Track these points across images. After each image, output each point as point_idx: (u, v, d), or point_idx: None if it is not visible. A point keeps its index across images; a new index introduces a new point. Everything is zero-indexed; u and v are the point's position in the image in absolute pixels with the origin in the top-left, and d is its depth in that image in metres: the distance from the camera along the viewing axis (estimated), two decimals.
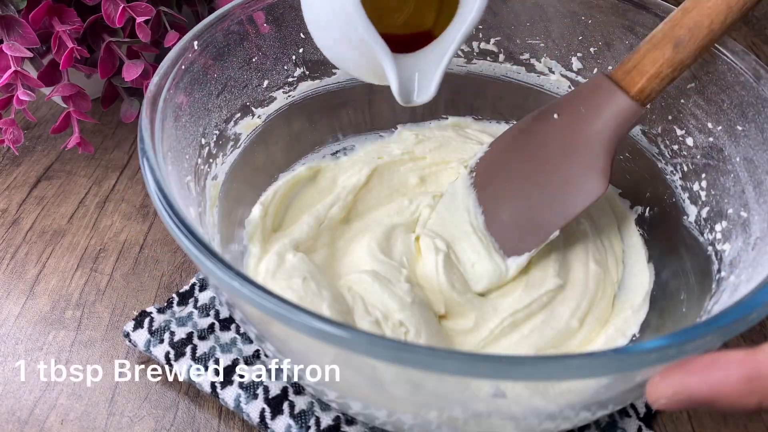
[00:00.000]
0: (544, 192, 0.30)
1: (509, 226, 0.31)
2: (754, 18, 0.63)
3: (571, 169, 0.29)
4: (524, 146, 0.32)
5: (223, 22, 0.31)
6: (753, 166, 0.27)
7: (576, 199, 0.29)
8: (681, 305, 0.29)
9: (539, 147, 0.31)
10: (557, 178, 0.30)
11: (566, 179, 0.30)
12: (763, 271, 0.22)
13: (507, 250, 0.32)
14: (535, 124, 0.31)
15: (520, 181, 0.31)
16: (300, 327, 0.19)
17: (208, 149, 0.31)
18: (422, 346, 0.19)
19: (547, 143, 0.30)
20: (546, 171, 0.30)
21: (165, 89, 0.27)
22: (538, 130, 0.31)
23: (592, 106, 0.29)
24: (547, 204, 0.30)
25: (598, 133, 0.29)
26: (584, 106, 0.29)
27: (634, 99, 0.28)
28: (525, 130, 0.32)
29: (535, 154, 0.31)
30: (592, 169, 0.29)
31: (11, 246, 0.39)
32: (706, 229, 0.29)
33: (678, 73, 0.27)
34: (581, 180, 0.29)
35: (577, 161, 0.29)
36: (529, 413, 0.22)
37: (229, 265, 0.20)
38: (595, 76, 0.29)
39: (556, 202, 0.30)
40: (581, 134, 0.29)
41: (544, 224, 0.30)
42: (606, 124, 0.28)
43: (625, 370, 0.18)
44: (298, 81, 0.36)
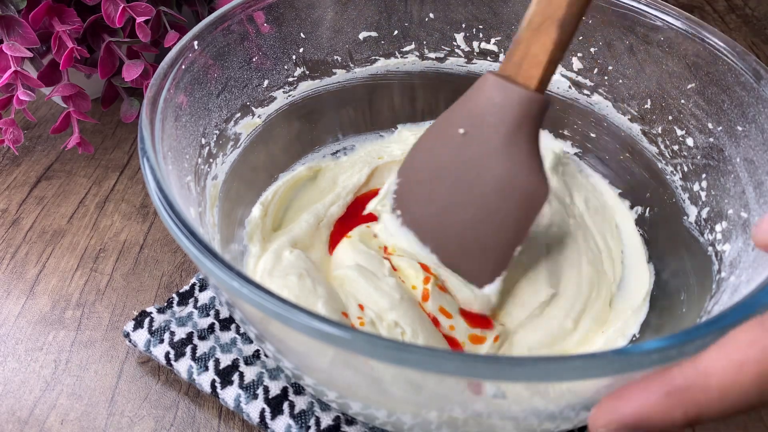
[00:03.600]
0: (488, 214, 0.28)
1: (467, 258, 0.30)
2: (754, 18, 0.63)
3: (506, 182, 0.27)
4: (444, 172, 0.29)
5: (223, 21, 0.31)
6: (753, 166, 0.27)
7: (524, 208, 0.28)
8: (681, 306, 0.29)
9: (461, 169, 0.29)
10: (495, 197, 0.28)
11: (504, 193, 0.28)
12: (763, 271, 0.22)
13: (476, 281, 0.30)
14: (443, 145, 0.29)
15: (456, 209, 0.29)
16: (299, 327, 0.19)
17: (209, 149, 0.31)
18: (421, 346, 0.18)
19: (468, 163, 0.28)
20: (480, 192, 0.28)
21: (165, 89, 0.27)
22: (451, 152, 0.29)
23: (497, 112, 0.27)
24: (496, 224, 0.28)
25: (516, 138, 0.27)
26: (489, 114, 0.27)
27: (537, 91, 0.26)
28: (435, 153, 0.29)
29: (461, 177, 0.29)
30: (526, 174, 0.27)
31: (11, 246, 0.39)
32: (706, 229, 0.29)
33: (566, 52, 0.26)
34: (520, 189, 0.27)
35: (508, 172, 0.27)
36: (529, 413, 0.22)
37: (229, 264, 0.20)
38: (485, 79, 0.27)
39: (504, 218, 0.28)
40: (499, 143, 0.27)
41: (501, 244, 0.28)
42: (522, 127, 0.27)
43: (624, 372, 0.18)
44: (298, 81, 0.36)
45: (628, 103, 0.34)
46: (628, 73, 0.34)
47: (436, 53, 0.38)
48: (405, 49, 0.38)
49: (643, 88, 0.33)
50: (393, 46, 0.38)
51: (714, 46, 0.29)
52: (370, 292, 0.29)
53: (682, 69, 0.31)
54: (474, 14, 0.37)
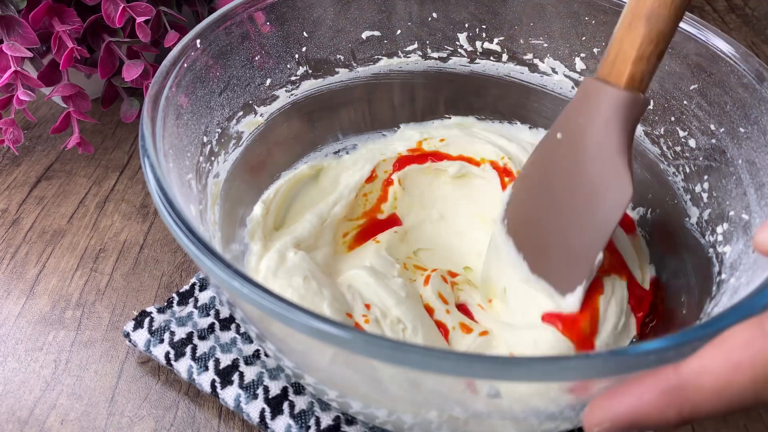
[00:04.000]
0: (575, 217, 0.28)
1: (554, 264, 0.29)
2: (755, 18, 0.63)
3: (592, 184, 0.27)
4: (542, 178, 0.30)
5: (225, 20, 0.31)
6: (755, 168, 0.27)
7: (606, 211, 0.27)
8: (681, 307, 0.29)
9: (555, 173, 0.29)
10: (582, 199, 0.28)
11: (591, 196, 0.27)
12: (762, 273, 0.22)
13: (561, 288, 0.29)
14: (544, 152, 0.30)
15: (549, 215, 0.29)
16: (299, 326, 0.19)
17: (210, 147, 0.31)
18: (419, 346, 0.18)
19: (561, 166, 0.29)
20: (569, 195, 0.28)
21: (167, 87, 0.27)
22: (548, 157, 0.30)
23: (589, 113, 0.27)
24: (582, 228, 0.28)
25: (604, 137, 0.27)
26: (582, 116, 0.27)
27: (627, 90, 0.26)
28: (537, 161, 0.30)
29: (554, 182, 0.29)
30: (611, 174, 0.27)
31: (11, 246, 0.39)
32: (707, 231, 0.29)
33: (663, 47, 0.25)
34: (605, 190, 0.27)
35: (594, 173, 0.27)
36: (529, 413, 0.22)
37: (229, 263, 0.20)
38: (582, 82, 0.28)
39: (588, 223, 0.28)
40: (588, 145, 0.27)
41: (585, 250, 0.28)
42: (609, 125, 0.26)
43: (622, 372, 0.18)
44: (300, 79, 0.36)
45: None
46: None
47: (439, 53, 0.38)
48: (408, 49, 0.38)
49: None
50: (396, 46, 0.38)
51: (716, 48, 0.29)
52: (377, 290, 0.30)
53: (684, 70, 0.31)
54: (477, 14, 0.37)
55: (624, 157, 0.26)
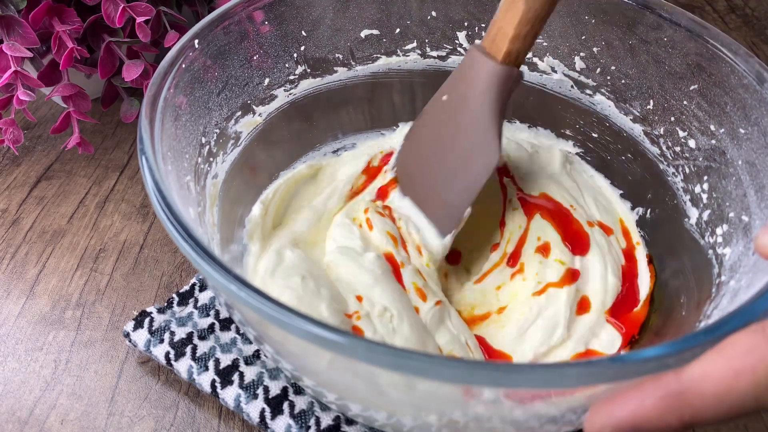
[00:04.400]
0: (451, 174, 0.31)
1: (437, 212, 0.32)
2: (754, 18, 0.63)
3: (466, 146, 0.30)
4: (428, 134, 0.33)
5: (223, 20, 0.31)
6: (755, 169, 0.27)
7: (476, 174, 0.30)
8: (681, 308, 0.29)
9: (438, 132, 0.32)
10: (458, 158, 0.31)
11: (465, 157, 0.30)
12: (763, 276, 0.22)
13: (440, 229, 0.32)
14: (431, 110, 0.32)
15: (431, 169, 0.32)
16: (296, 331, 0.19)
17: (209, 148, 0.31)
18: (419, 352, 0.18)
19: (444, 126, 0.31)
20: (448, 153, 0.31)
21: (165, 88, 0.27)
22: (434, 116, 0.32)
23: (469, 81, 0.29)
24: (456, 184, 0.31)
25: (479, 106, 0.29)
26: (463, 83, 0.30)
27: (503, 64, 0.28)
28: (426, 118, 0.33)
29: (437, 139, 0.32)
30: (483, 140, 0.29)
31: (11, 246, 0.39)
32: (707, 232, 0.29)
33: (538, 28, 0.27)
34: (477, 154, 0.30)
35: (469, 137, 0.30)
36: (530, 416, 0.22)
37: (227, 267, 0.20)
38: (469, 50, 0.30)
39: (462, 180, 0.31)
40: (465, 110, 0.30)
41: (457, 204, 0.31)
42: (484, 95, 0.29)
43: (621, 379, 0.18)
44: (299, 79, 0.36)
45: (631, 103, 0.34)
46: (630, 74, 0.34)
47: (438, 51, 0.38)
48: (407, 48, 0.38)
49: (646, 89, 0.33)
50: (395, 44, 0.38)
51: (717, 48, 0.29)
52: (354, 271, 0.30)
53: (684, 70, 0.31)
54: (476, 13, 0.37)
55: (495, 126, 0.29)
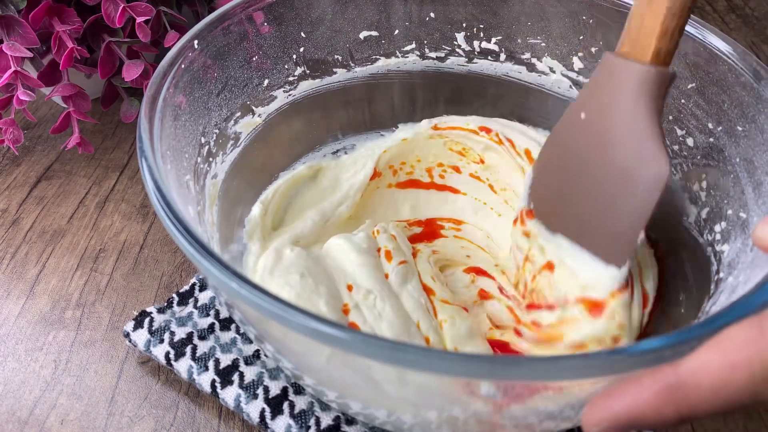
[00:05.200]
0: (609, 199, 0.27)
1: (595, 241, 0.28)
2: (754, 18, 0.63)
3: (625, 163, 0.26)
4: (569, 159, 0.29)
5: (223, 21, 0.31)
6: (753, 167, 0.27)
7: (643, 191, 0.26)
8: (680, 306, 0.29)
9: (583, 154, 0.28)
10: (615, 180, 0.27)
11: (625, 176, 0.26)
12: (760, 272, 0.22)
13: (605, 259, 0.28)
14: (566, 133, 0.29)
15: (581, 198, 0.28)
16: (296, 327, 0.19)
17: (208, 148, 0.31)
18: (416, 346, 0.19)
19: (588, 147, 0.28)
20: (601, 176, 0.27)
21: (164, 88, 0.27)
22: (573, 138, 0.29)
23: (615, 91, 0.26)
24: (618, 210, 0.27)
25: (633, 115, 0.26)
26: (607, 95, 0.27)
27: (653, 64, 0.25)
28: (560, 143, 0.30)
29: (583, 163, 0.28)
30: (644, 153, 0.26)
31: (11, 246, 0.39)
32: (705, 229, 0.29)
33: (685, 19, 0.25)
34: (639, 170, 0.26)
35: (627, 152, 0.26)
36: (528, 412, 0.22)
37: (226, 264, 0.20)
38: (603, 60, 0.27)
39: (625, 204, 0.27)
40: (617, 123, 0.26)
41: (624, 232, 0.27)
42: (638, 103, 0.26)
43: (619, 371, 0.18)
44: (298, 80, 0.36)
45: None
46: None
47: (437, 53, 0.38)
48: (405, 49, 0.38)
49: None
50: (394, 46, 0.38)
51: (714, 47, 0.29)
52: (346, 248, 0.30)
53: (682, 68, 0.31)
54: (475, 14, 0.37)
55: (657, 133, 0.26)
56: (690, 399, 0.17)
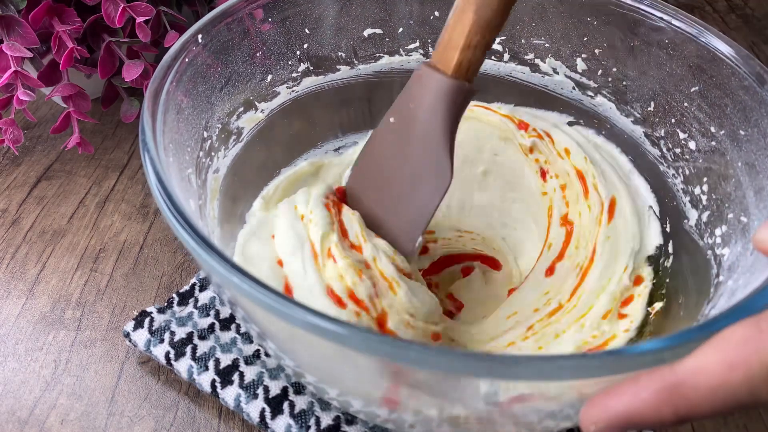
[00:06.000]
0: (402, 200, 0.30)
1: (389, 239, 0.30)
2: (755, 18, 0.63)
3: (418, 168, 0.28)
4: (377, 160, 0.31)
5: (227, 16, 0.31)
6: (754, 171, 0.27)
7: (427, 196, 0.28)
8: (679, 309, 0.29)
9: (388, 156, 0.30)
10: (409, 182, 0.29)
11: (416, 180, 0.29)
12: (760, 276, 0.22)
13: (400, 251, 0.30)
14: (379, 135, 0.31)
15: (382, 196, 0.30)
16: (296, 321, 0.19)
17: (210, 142, 0.31)
18: (416, 343, 0.19)
19: (393, 150, 0.30)
20: (398, 178, 0.29)
21: (168, 82, 0.27)
22: (382, 140, 0.30)
23: (418, 98, 0.28)
24: (407, 210, 0.29)
25: (429, 124, 0.27)
26: (412, 101, 0.28)
27: (453, 77, 0.26)
28: (374, 143, 0.31)
29: (387, 164, 0.30)
30: (433, 161, 0.28)
31: (11, 246, 0.39)
32: (706, 233, 0.29)
33: (489, 37, 0.26)
34: (428, 176, 0.28)
35: (420, 158, 0.28)
36: (529, 411, 0.22)
37: (226, 256, 0.20)
38: (417, 68, 0.28)
39: (412, 206, 0.29)
40: (416, 130, 0.28)
41: (409, 232, 0.29)
42: (435, 112, 0.27)
43: (618, 372, 0.18)
44: (302, 76, 0.36)
45: (632, 105, 0.34)
46: (631, 75, 0.34)
47: None
48: (409, 47, 0.38)
49: (647, 91, 0.33)
50: (397, 44, 0.38)
51: (717, 50, 0.29)
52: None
53: (685, 71, 0.31)
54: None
55: (446, 145, 0.27)
56: (688, 399, 0.17)
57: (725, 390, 0.17)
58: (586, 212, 0.33)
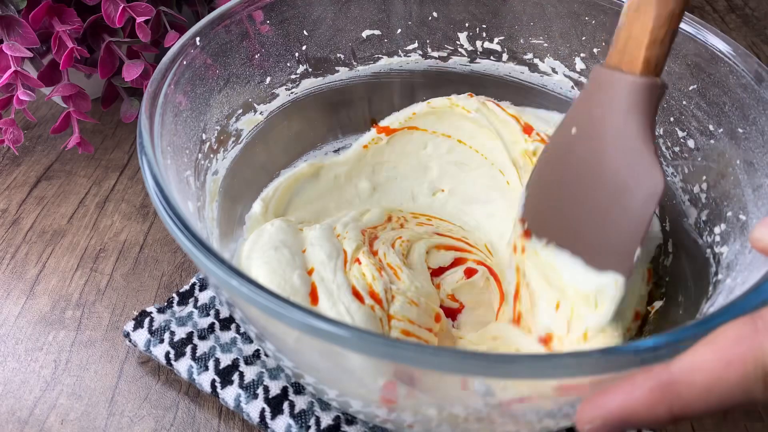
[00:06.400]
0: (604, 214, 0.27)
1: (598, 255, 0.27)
2: (754, 18, 0.63)
3: (618, 178, 0.26)
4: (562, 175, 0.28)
5: (225, 18, 0.31)
6: (753, 169, 0.27)
7: (638, 205, 0.25)
8: (678, 307, 0.29)
9: (576, 170, 0.28)
10: (609, 194, 0.26)
11: (618, 191, 0.26)
12: (758, 274, 0.22)
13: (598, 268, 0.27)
14: (559, 149, 0.29)
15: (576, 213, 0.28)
16: (292, 322, 0.19)
17: (209, 144, 0.31)
18: (412, 343, 0.19)
19: (581, 162, 0.27)
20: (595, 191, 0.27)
21: (166, 85, 0.27)
22: (565, 154, 0.28)
23: (605, 104, 0.26)
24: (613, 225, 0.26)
25: (625, 128, 0.25)
26: (597, 108, 0.26)
27: (643, 75, 0.25)
28: (553, 159, 0.29)
29: (577, 178, 0.28)
30: (638, 166, 0.25)
31: (11, 246, 0.39)
32: (705, 231, 0.29)
33: (675, 27, 0.24)
34: (633, 183, 0.25)
35: (619, 166, 0.26)
36: (528, 410, 0.22)
37: (223, 259, 0.20)
38: (593, 72, 0.27)
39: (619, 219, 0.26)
40: (608, 137, 0.26)
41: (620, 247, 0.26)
42: (629, 115, 0.25)
43: (614, 370, 0.18)
44: (300, 78, 0.36)
45: None
46: None
47: (439, 52, 0.38)
48: (408, 48, 0.38)
49: None
50: (396, 45, 0.38)
51: (715, 48, 0.29)
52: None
53: (683, 70, 0.31)
54: (477, 14, 0.37)
55: (650, 147, 0.25)
56: (683, 397, 0.17)
57: (720, 388, 0.17)
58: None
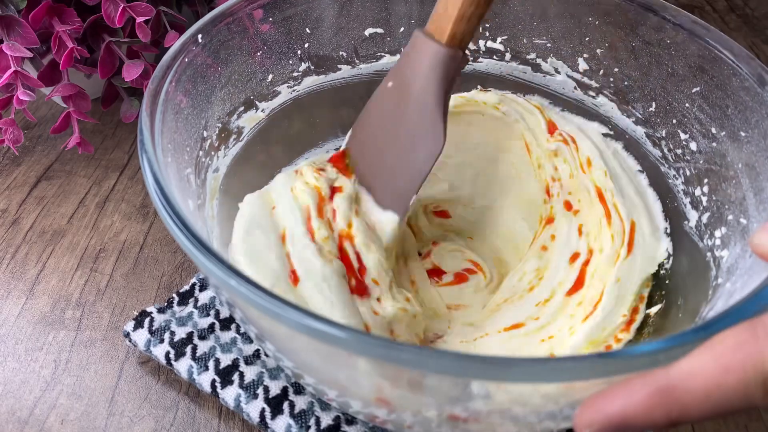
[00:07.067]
0: (397, 162, 0.31)
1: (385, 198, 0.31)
2: (754, 18, 0.63)
3: (413, 132, 0.30)
4: (376, 122, 0.32)
5: (227, 16, 0.31)
6: (755, 172, 0.27)
7: (421, 159, 0.30)
8: (678, 311, 0.29)
9: (385, 119, 0.31)
10: (404, 145, 0.30)
11: (411, 143, 0.30)
12: (757, 279, 0.22)
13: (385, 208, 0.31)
14: (377, 98, 0.32)
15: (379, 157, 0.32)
16: (290, 323, 0.19)
17: (210, 142, 0.31)
18: (410, 345, 0.19)
19: (390, 113, 0.31)
20: (394, 140, 0.31)
21: (167, 82, 0.27)
22: (380, 104, 0.31)
23: (413, 65, 0.29)
24: (402, 172, 0.31)
25: (423, 89, 0.29)
26: (408, 68, 0.29)
27: (447, 46, 0.28)
28: (372, 107, 0.32)
29: (384, 127, 0.31)
30: (428, 125, 0.29)
31: (11, 246, 0.39)
32: (705, 234, 0.29)
33: (483, 9, 0.27)
34: (422, 139, 0.29)
35: (415, 122, 0.30)
36: (528, 412, 0.22)
37: (222, 259, 0.20)
38: (413, 35, 0.29)
39: (407, 168, 0.30)
40: (410, 95, 0.29)
41: (404, 191, 0.30)
42: (428, 78, 0.28)
43: (613, 374, 0.18)
44: (302, 76, 0.36)
45: (633, 105, 0.34)
46: (633, 75, 0.34)
47: None
48: None
49: (648, 91, 0.33)
50: (398, 43, 0.38)
51: (718, 50, 0.29)
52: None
53: (686, 72, 0.31)
54: None
55: (440, 110, 0.28)
56: (681, 402, 0.17)
57: (719, 394, 0.17)
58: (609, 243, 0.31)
